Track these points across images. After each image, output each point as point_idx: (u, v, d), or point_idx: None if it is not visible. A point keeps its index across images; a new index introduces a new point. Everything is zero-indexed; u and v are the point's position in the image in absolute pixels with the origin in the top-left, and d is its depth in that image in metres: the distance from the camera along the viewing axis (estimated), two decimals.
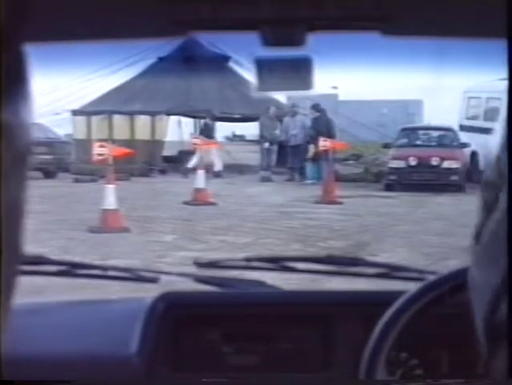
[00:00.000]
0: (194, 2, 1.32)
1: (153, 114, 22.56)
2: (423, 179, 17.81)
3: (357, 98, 27.74)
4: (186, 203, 14.35)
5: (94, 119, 22.72)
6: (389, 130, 22.52)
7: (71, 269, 2.26)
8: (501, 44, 1.16)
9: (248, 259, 2.36)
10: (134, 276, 2.27)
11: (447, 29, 1.40)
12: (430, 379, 1.92)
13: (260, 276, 2.36)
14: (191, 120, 25.59)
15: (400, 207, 14.73)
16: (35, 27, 1.24)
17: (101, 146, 11.92)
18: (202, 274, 2.31)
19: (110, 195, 11.34)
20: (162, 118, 22.89)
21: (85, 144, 19.61)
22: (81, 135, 22.33)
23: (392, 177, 18.22)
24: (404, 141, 19.72)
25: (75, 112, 23.01)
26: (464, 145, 19.35)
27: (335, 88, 29.11)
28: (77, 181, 19.29)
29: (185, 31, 1.39)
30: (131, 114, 22.54)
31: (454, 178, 17.94)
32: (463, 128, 20.73)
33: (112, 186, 11.47)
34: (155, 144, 22.69)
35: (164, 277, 2.27)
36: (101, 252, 9.00)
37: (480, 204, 0.74)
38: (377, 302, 1.79)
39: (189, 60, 22.58)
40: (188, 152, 21.42)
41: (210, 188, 15.24)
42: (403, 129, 20.48)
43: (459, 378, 1.93)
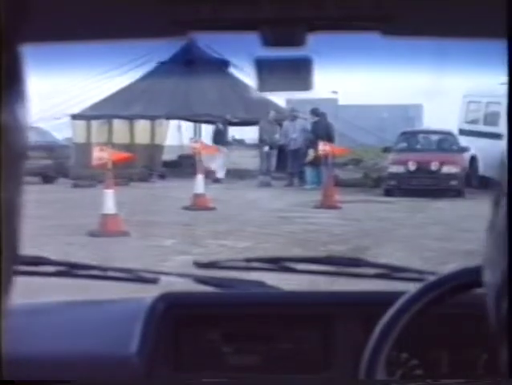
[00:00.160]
0: (194, 2, 1.32)
1: (153, 118, 22.55)
2: (422, 184, 17.78)
3: (357, 102, 27.72)
4: (186, 208, 14.32)
5: (93, 123, 22.71)
6: (389, 134, 22.49)
7: (71, 270, 2.27)
8: (501, 44, 1.17)
9: (248, 260, 2.36)
10: (134, 276, 2.27)
11: (447, 29, 1.40)
12: (430, 379, 1.92)
13: (260, 276, 2.36)
14: (191, 125, 25.58)
15: (400, 212, 14.70)
16: (35, 27, 1.23)
17: (100, 150, 11.91)
18: (202, 275, 2.31)
19: (109, 199, 11.33)
20: (162, 122, 22.88)
21: (84, 149, 19.61)
22: (80, 139, 22.34)
23: (392, 182, 18.18)
24: (404, 145, 19.68)
25: (75, 117, 23.00)
26: (463, 149, 19.33)
27: (335, 93, 29.12)
28: (76, 186, 19.26)
29: (185, 31, 1.39)
30: (130, 118, 22.54)
31: (453, 183, 17.91)
32: (462, 132, 20.71)
33: (111, 191, 11.46)
34: (154, 149, 22.67)
35: (163, 277, 2.27)
36: (101, 256, 8.98)
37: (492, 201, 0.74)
38: (377, 303, 1.79)
39: (189, 64, 22.59)
40: (188, 157, 21.40)
41: (210, 193, 15.22)
42: (402, 133, 20.44)
43: (459, 378, 1.92)
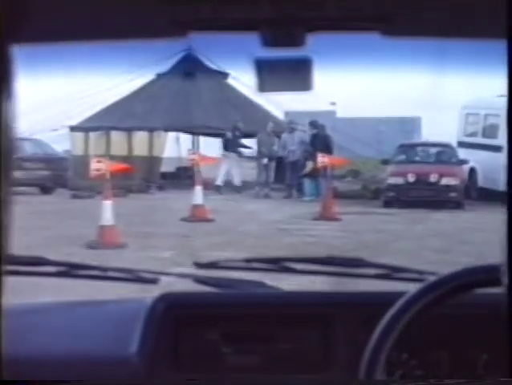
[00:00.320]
0: (194, 3, 1.32)
1: (151, 130, 22.53)
2: (421, 196, 17.77)
3: (355, 114, 27.77)
4: (184, 220, 14.26)
5: (92, 135, 22.70)
6: (387, 146, 22.51)
7: (71, 270, 2.27)
8: (501, 45, 1.24)
9: (248, 260, 2.35)
10: (134, 277, 2.27)
11: (447, 29, 1.39)
12: (430, 380, 1.92)
13: (260, 277, 2.34)
14: (189, 136, 25.56)
15: (399, 224, 14.67)
16: (32, 27, 1.25)
17: (98, 162, 11.88)
18: (202, 275, 2.30)
19: (107, 211, 11.28)
20: (160, 134, 22.86)
21: (83, 160, 19.58)
22: (79, 151, 22.34)
23: (391, 194, 18.17)
24: (403, 157, 19.69)
25: (73, 128, 23.00)
26: (462, 162, 19.32)
27: (333, 104, 29.13)
28: (75, 197, 19.23)
29: (185, 32, 1.37)
30: (129, 130, 22.51)
31: (453, 195, 17.90)
32: (461, 145, 20.71)
33: (110, 202, 11.41)
34: (153, 160, 22.66)
35: (163, 277, 2.27)
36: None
37: None
38: (377, 303, 1.79)
39: (188, 76, 22.61)
40: (186, 169, 21.38)
41: (208, 205, 15.18)
42: (401, 145, 20.44)
43: (459, 378, 1.91)
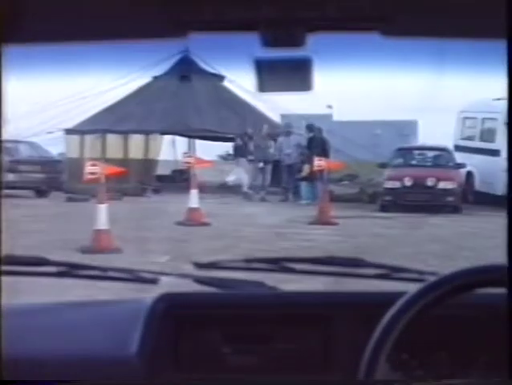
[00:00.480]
0: (194, 3, 1.33)
1: (147, 133, 22.42)
2: (419, 200, 17.69)
3: (351, 118, 27.70)
4: (180, 223, 14.14)
5: (87, 137, 22.58)
6: (383, 150, 22.46)
7: (71, 270, 2.27)
8: (501, 45, 1.28)
9: (248, 260, 2.36)
10: (134, 277, 2.27)
11: (447, 30, 1.39)
12: (430, 380, 1.92)
13: (260, 277, 2.33)
14: (185, 139, 25.46)
15: (396, 228, 14.60)
16: (32, 27, 1.28)
17: (93, 165, 11.77)
18: (202, 275, 2.30)
19: (102, 215, 11.17)
20: (156, 137, 22.75)
21: (78, 163, 19.44)
22: (74, 153, 22.19)
23: (388, 198, 18.09)
24: (400, 161, 19.63)
25: (69, 131, 22.87)
26: (459, 166, 19.25)
27: (330, 107, 29.04)
28: (69, 200, 19.10)
29: (186, 32, 1.38)
30: (124, 133, 22.40)
31: (450, 199, 17.83)
32: (458, 149, 20.64)
33: (104, 206, 11.31)
34: (148, 163, 22.54)
35: (163, 278, 2.27)
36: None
37: None
38: (377, 303, 1.79)
39: (184, 79, 22.51)
40: (182, 172, 21.28)
41: (205, 208, 15.07)
42: (398, 149, 20.35)
43: (459, 378, 1.92)
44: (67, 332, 2.11)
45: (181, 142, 25.79)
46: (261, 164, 21.08)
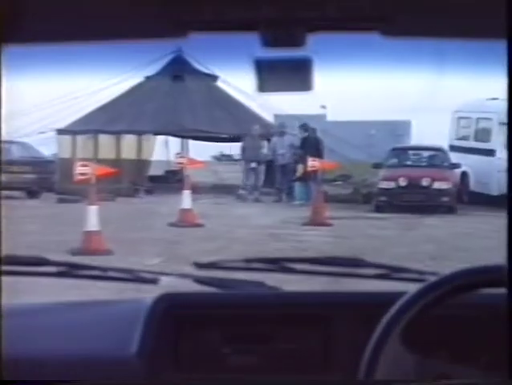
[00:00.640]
0: (195, 3, 1.34)
1: (140, 133, 22.25)
2: (413, 200, 17.56)
3: (345, 118, 27.62)
4: (172, 224, 13.98)
5: (79, 138, 22.39)
6: (377, 150, 22.40)
7: (71, 270, 2.27)
8: (500, 45, 1.28)
9: (248, 260, 2.36)
10: (134, 277, 2.28)
11: (446, 30, 1.40)
12: (430, 379, 1.93)
13: (260, 277, 2.33)
14: (178, 139, 25.29)
15: (391, 229, 14.49)
16: (34, 27, 1.30)
17: (84, 165, 11.60)
18: (202, 275, 2.30)
19: (92, 216, 11.02)
20: (149, 137, 22.58)
21: (70, 164, 19.25)
22: (66, 154, 21.97)
23: (383, 198, 17.96)
24: (394, 161, 19.50)
25: (60, 131, 22.68)
26: (454, 166, 19.13)
27: (324, 108, 28.94)
28: (61, 201, 18.93)
29: (186, 32, 1.38)
30: (117, 133, 22.23)
31: (445, 199, 17.70)
32: (453, 149, 20.53)
33: (95, 207, 11.16)
34: (141, 164, 22.37)
35: (163, 277, 2.28)
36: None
37: None
38: (377, 303, 1.80)
39: (177, 79, 22.37)
40: (175, 172, 21.12)
41: (198, 209, 14.92)
42: (393, 149, 20.22)
43: (459, 378, 1.93)
44: (67, 332, 2.12)
45: (174, 142, 25.64)
46: (253, 165, 20.92)
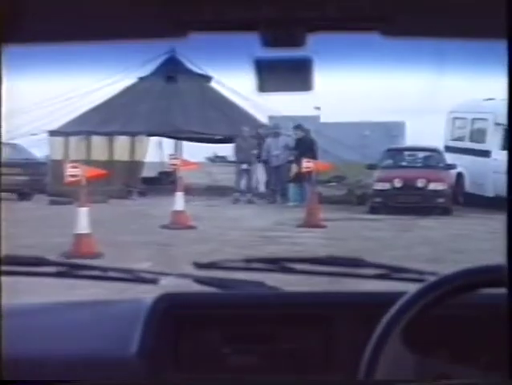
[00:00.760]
0: (195, 3, 1.34)
1: (133, 134, 22.08)
2: (408, 201, 17.40)
3: (339, 119, 27.55)
4: (165, 227, 13.82)
5: (72, 139, 22.22)
6: (371, 151, 22.33)
7: (71, 270, 2.28)
8: (500, 45, 1.31)
9: (248, 260, 2.36)
10: (134, 277, 2.28)
11: (446, 30, 1.40)
12: (431, 379, 1.92)
13: (260, 277, 2.33)
14: (171, 140, 25.12)
15: (387, 231, 14.36)
16: (34, 27, 1.30)
17: (74, 167, 11.43)
18: (202, 275, 2.30)
19: (83, 218, 10.86)
20: (142, 138, 22.41)
21: (62, 165, 19.08)
22: (58, 155, 21.78)
23: (377, 199, 17.80)
24: (389, 162, 19.34)
25: (53, 133, 22.51)
26: (450, 166, 18.98)
27: (318, 109, 28.85)
28: (53, 203, 18.77)
29: (186, 32, 1.38)
30: (110, 134, 22.06)
31: (440, 200, 17.55)
32: (448, 149, 20.39)
33: (85, 209, 11.01)
34: (134, 165, 22.21)
35: (163, 278, 2.28)
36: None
37: None
38: (377, 303, 1.81)
39: (170, 80, 22.23)
40: (168, 174, 20.96)
41: (191, 211, 14.76)
42: (388, 150, 20.06)
43: (459, 378, 1.93)
44: (67, 332, 2.12)
45: (168, 143, 25.47)
46: (244, 166, 20.75)
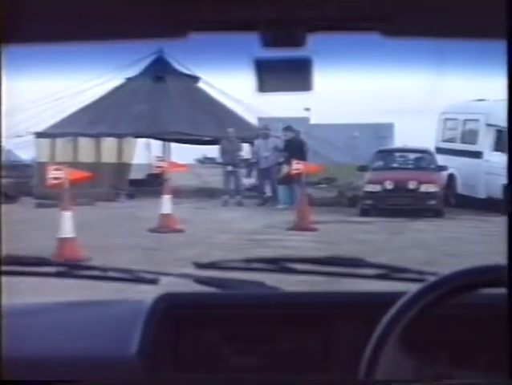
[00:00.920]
0: (195, 3, 1.35)
1: (120, 136, 21.84)
2: (400, 203, 17.19)
3: (328, 121, 27.49)
4: (152, 230, 13.57)
5: (58, 141, 21.96)
6: (361, 152, 22.25)
7: (71, 270, 2.30)
8: (500, 46, 1.30)
9: (248, 260, 2.36)
10: (133, 277, 2.28)
11: (446, 30, 1.40)
12: (431, 380, 1.92)
13: (260, 277, 2.32)
14: (160, 142, 24.89)
15: (378, 234, 14.16)
16: (33, 27, 1.31)
17: (57, 169, 11.17)
18: (202, 275, 2.30)
19: (67, 222, 10.62)
20: (130, 140, 22.17)
21: (48, 168, 18.84)
22: (45, 158, 21.50)
23: (368, 202, 17.59)
24: (380, 164, 19.13)
25: (39, 135, 22.24)
26: (441, 168, 18.79)
27: (308, 110, 28.71)
28: (39, 206, 18.52)
29: (186, 32, 1.39)
30: (97, 136, 21.81)
31: (432, 202, 17.36)
32: (440, 151, 20.20)
33: (69, 213, 10.78)
34: (122, 167, 21.98)
35: (163, 278, 2.27)
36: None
37: None
38: (377, 303, 1.81)
39: (158, 80, 22.05)
40: (157, 176, 20.72)
41: (179, 214, 14.53)
42: (378, 151, 19.87)
43: (459, 378, 1.93)
44: (67, 332, 2.13)
45: (157, 145, 25.27)
46: (230, 168, 20.51)
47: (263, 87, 1.45)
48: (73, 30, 1.38)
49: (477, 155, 18.96)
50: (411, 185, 17.69)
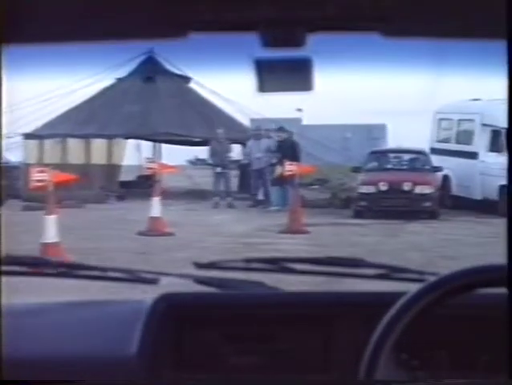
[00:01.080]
0: (194, 3, 1.36)
1: (110, 137, 21.56)
2: (394, 205, 16.95)
3: (321, 122, 27.34)
4: (141, 233, 13.28)
5: (47, 142, 21.66)
6: (354, 153, 22.09)
7: (71, 270, 2.29)
8: (500, 45, 1.37)
9: (248, 260, 2.37)
10: (134, 277, 2.29)
11: (446, 30, 1.40)
12: (431, 380, 1.92)
13: (260, 277, 2.32)
14: (150, 143, 24.63)
15: (373, 236, 13.96)
16: (33, 27, 1.34)
17: (41, 172, 10.86)
18: (202, 275, 2.30)
19: (50, 227, 10.34)
20: (119, 141, 21.89)
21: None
22: (33, 159, 21.19)
23: (362, 203, 17.35)
24: (374, 165, 18.87)
25: (28, 136, 21.95)
26: (436, 169, 18.54)
27: (300, 110, 28.53)
28: (27, 209, 18.21)
29: (186, 32, 1.39)
30: (86, 137, 21.53)
31: (427, 204, 17.13)
32: (434, 151, 19.94)
33: (53, 217, 10.51)
34: (112, 169, 21.72)
35: (163, 278, 2.27)
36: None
37: None
38: (377, 303, 1.81)
39: (148, 81, 21.81)
40: (147, 177, 20.45)
41: (169, 217, 14.26)
42: (372, 152, 19.60)
43: (459, 378, 1.93)
44: (67, 332, 2.13)
45: (147, 146, 24.99)
46: (218, 169, 20.21)
47: (263, 87, 1.46)
48: (73, 30, 1.38)
49: (473, 155, 18.73)
50: (405, 187, 17.47)
